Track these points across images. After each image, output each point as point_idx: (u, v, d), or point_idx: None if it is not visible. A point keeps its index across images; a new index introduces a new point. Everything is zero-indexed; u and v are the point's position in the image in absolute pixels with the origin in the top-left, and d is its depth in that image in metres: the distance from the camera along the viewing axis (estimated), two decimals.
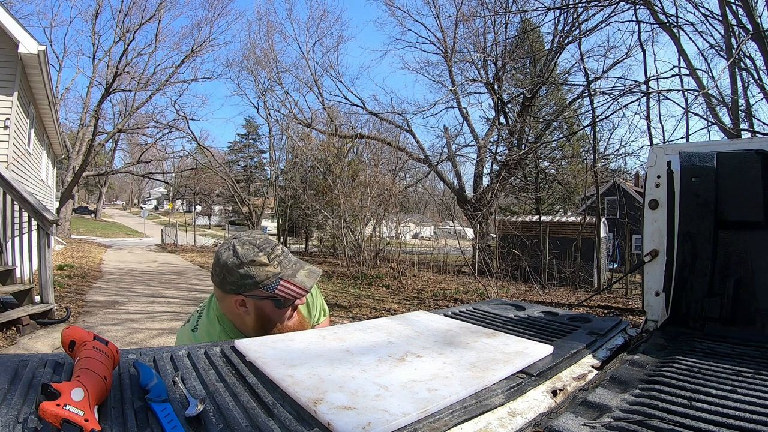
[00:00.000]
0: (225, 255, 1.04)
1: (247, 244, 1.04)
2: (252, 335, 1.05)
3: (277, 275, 1.03)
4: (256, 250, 1.03)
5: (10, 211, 4.72)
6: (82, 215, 36.88)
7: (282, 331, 1.07)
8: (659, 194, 1.31)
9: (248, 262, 1.01)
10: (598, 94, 8.54)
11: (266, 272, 1.02)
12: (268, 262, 1.03)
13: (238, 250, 1.03)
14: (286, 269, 1.05)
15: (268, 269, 1.03)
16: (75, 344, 0.68)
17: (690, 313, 1.23)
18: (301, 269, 1.07)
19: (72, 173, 18.27)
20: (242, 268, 1.01)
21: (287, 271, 1.05)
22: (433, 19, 15.46)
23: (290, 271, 1.05)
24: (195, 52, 20.90)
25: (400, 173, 14.75)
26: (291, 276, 1.04)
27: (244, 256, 1.02)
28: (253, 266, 1.02)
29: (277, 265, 1.04)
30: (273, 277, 1.03)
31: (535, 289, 9.46)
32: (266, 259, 1.03)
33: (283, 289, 1.04)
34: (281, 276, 1.04)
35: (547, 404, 0.72)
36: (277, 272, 1.03)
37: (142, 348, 0.88)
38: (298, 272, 1.06)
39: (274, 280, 1.03)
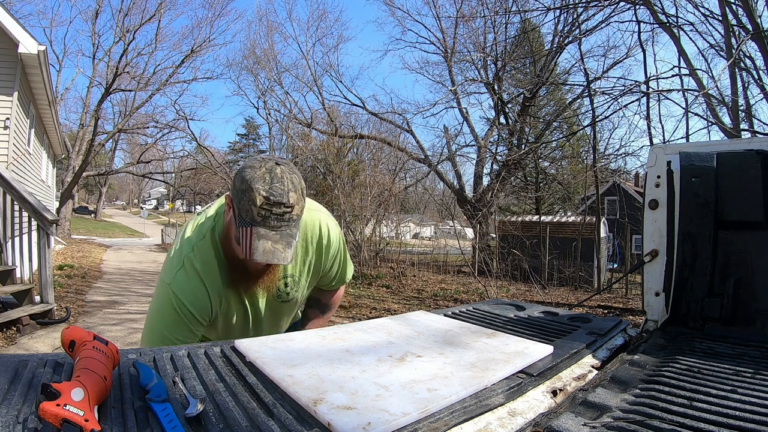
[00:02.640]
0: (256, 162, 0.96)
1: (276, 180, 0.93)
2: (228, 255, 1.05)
3: (249, 221, 0.93)
4: (265, 194, 0.92)
5: (10, 211, 4.72)
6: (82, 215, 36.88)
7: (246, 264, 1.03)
8: (659, 194, 1.31)
9: (247, 184, 0.93)
10: (598, 94, 8.54)
11: (245, 204, 0.93)
12: (256, 205, 0.92)
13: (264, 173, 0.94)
14: (262, 224, 0.93)
15: (249, 206, 0.92)
16: (75, 344, 0.68)
17: (690, 313, 1.23)
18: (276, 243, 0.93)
19: (72, 173, 18.26)
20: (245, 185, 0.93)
21: (261, 228, 0.93)
22: (433, 19, 15.46)
23: (263, 231, 0.93)
24: (195, 52, 20.89)
25: (400, 173, 14.75)
26: (258, 236, 0.92)
27: (256, 179, 0.93)
28: (245, 194, 0.93)
29: (261, 220, 0.93)
30: (244, 213, 0.93)
31: (535, 289, 9.46)
32: (257, 202, 0.92)
33: (240, 234, 0.95)
34: (251, 224, 0.93)
35: (547, 404, 0.72)
36: (250, 215, 0.93)
37: (142, 348, 0.88)
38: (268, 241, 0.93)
39: (244, 220, 0.94)
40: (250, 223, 0.93)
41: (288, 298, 1.24)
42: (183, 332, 1.07)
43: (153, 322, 1.10)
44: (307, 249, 1.20)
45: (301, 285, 1.25)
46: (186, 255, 1.07)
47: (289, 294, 1.22)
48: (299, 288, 1.25)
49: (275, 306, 1.24)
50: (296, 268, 1.21)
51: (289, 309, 1.30)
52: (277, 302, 1.23)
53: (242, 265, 1.05)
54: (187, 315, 1.05)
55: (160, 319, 1.08)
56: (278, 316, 1.28)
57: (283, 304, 1.25)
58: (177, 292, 1.05)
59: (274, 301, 1.22)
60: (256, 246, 0.92)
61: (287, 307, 1.28)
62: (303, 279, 1.24)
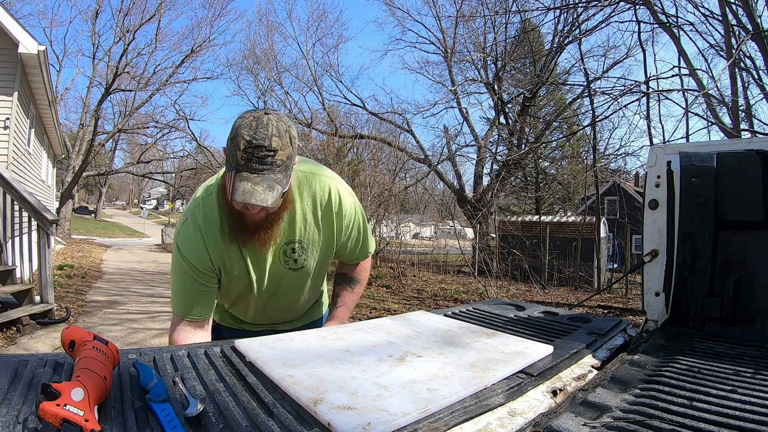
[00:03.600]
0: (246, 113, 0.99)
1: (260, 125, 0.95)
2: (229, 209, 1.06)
3: (232, 157, 0.96)
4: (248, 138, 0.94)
5: (10, 211, 4.72)
6: (82, 215, 36.87)
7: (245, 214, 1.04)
8: (659, 194, 1.31)
9: (233, 138, 0.96)
10: (598, 94, 8.54)
11: (231, 150, 0.96)
12: (240, 150, 0.94)
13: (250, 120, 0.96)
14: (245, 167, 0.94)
15: (234, 152, 0.95)
16: (75, 344, 0.68)
17: (690, 313, 1.23)
18: (256, 185, 0.94)
19: (72, 173, 18.26)
20: (233, 132, 0.96)
21: (243, 172, 0.94)
22: (433, 19, 15.47)
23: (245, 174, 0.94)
24: (195, 52, 20.89)
25: (400, 173, 14.74)
26: (240, 178, 0.94)
27: (242, 126, 0.95)
28: (233, 140, 0.96)
29: (244, 163, 0.94)
30: (230, 159, 0.96)
31: (535, 289, 9.46)
32: (241, 147, 0.94)
33: (227, 179, 0.98)
34: (235, 169, 0.95)
35: (547, 404, 0.72)
36: (235, 161, 0.95)
37: (142, 348, 0.88)
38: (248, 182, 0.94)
39: (230, 165, 0.96)
40: (234, 167, 0.95)
41: (297, 266, 1.20)
42: (192, 284, 1.12)
43: (172, 277, 1.18)
44: (317, 214, 1.18)
45: (312, 253, 1.21)
46: (191, 210, 1.13)
47: (297, 261, 1.19)
48: (309, 256, 1.20)
49: (285, 274, 1.21)
50: (305, 234, 1.18)
51: (303, 279, 1.25)
52: (285, 268, 1.19)
53: (240, 217, 1.06)
54: (190, 266, 1.10)
55: (174, 273, 1.16)
56: (291, 286, 1.24)
57: (293, 272, 1.21)
58: (179, 245, 1.11)
59: (282, 267, 1.19)
60: (237, 187, 0.94)
61: (299, 277, 1.23)
62: (314, 247, 1.20)
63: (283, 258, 1.18)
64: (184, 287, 1.13)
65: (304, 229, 1.17)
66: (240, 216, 1.05)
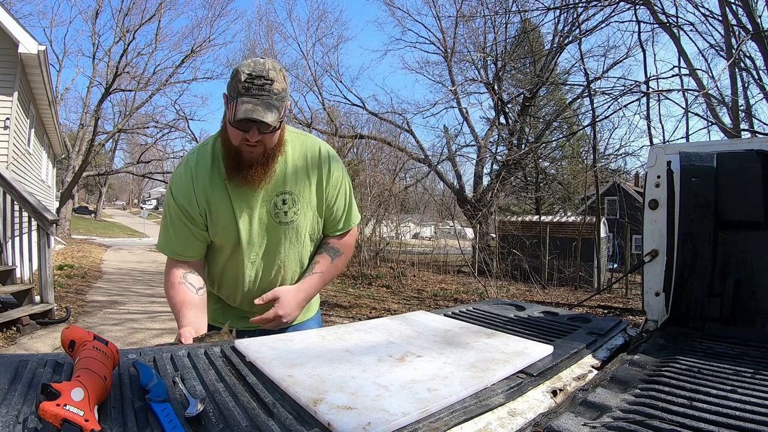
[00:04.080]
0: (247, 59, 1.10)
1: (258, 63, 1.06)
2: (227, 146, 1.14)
3: (233, 91, 1.05)
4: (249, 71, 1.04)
5: (10, 211, 4.72)
6: (82, 215, 36.85)
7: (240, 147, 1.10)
8: (659, 194, 1.31)
9: (234, 73, 1.06)
10: (598, 94, 8.53)
11: (232, 86, 1.06)
12: (241, 82, 1.04)
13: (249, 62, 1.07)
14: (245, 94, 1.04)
15: (236, 84, 1.05)
16: (75, 344, 0.68)
17: (690, 313, 1.23)
18: (257, 105, 1.03)
19: (72, 173, 18.24)
20: (234, 72, 1.08)
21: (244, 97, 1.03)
22: (433, 19, 15.47)
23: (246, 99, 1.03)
24: (195, 52, 20.88)
25: (400, 173, 14.74)
26: (241, 102, 1.03)
27: (242, 66, 1.06)
28: (233, 77, 1.06)
29: (245, 91, 1.04)
30: (232, 91, 1.06)
31: (535, 289, 9.46)
32: (242, 78, 1.04)
33: (228, 108, 1.07)
34: (236, 97, 1.04)
35: (547, 404, 0.72)
36: (235, 90, 1.04)
37: (142, 348, 0.88)
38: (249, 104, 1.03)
39: (231, 97, 1.06)
40: (236, 95, 1.05)
41: (287, 219, 1.21)
42: (180, 224, 1.19)
43: (162, 220, 1.25)
44: (306, 168, 1.24)
45: (302, 208, 1.23)
46: (186, 157, 1.23)
47: (287, 214, 1.21)
48: (300, 211, 1.22)
49: (275, 228, 1.21)
50: (295, 186, 1.22)
51: (291, 236, 1.24)
52: (274, 222, 1.20)
53: (238, 154, 1.12)
54: (179, 205, 1.18)
55: (164, 214, 1.24)
56: (278, 241, 1.23)
57: (283, 227, 1.21)
58: (171, 186, 1.21)
59: (271, 219, 1.20)
60: (239, 108, 1.03)
61: (288, 233, 1.23)
62: (304, 202, 1.23)
63: (273, 210, 1.20)
64: (174, 227, 1.20)
65: (294, 181, 1.22)
66: (237, 153, 1.12)
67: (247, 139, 1.08)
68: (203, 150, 1.21)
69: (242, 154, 1.12)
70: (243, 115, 1.02)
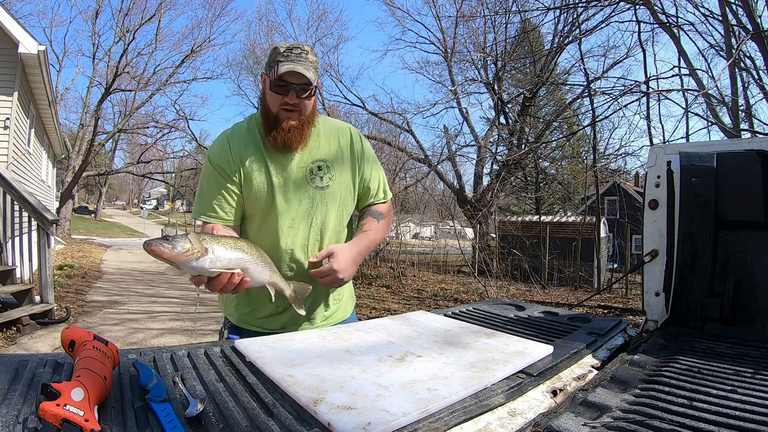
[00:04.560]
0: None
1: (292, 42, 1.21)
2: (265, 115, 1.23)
3: (273, 61, 1.17)
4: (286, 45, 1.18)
5: (10, 211, 4.72)
6: (82, 215, 36.84)
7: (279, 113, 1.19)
8: (659, 194, 1.31)
9: (272, 50, 1.20)
10: (598, 94, 8.53)
11: (272, 58, 1.18)
12: (280, 53, 1.16)
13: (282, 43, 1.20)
14: (285, 59, 1.15)
15: (275, 57, 1.17)
16: (75, 344, 0.68)
17: (690, 313, 1.23)
18: (296, 64, 1.14)
19: (72, 173, 18.24)
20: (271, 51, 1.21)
21: (284, 61, 1.15)
22: (433, 19, 15.46)
23: (286, 61, 1.15)
24: (195, 52, 20.88)
25: (400, 173, 14.73)
26: (282, 63, 1.14)
27: (278, 44, 1.20)
28: (271, 53, 1.20)
29: (284, 58, 1.15)
30: (271, 61, 1.18)
31: (535, 289, 9.46)
32: (281, 50, 1.17)
33: (269, 73, 1.19)
34: (274, 64, 1.16)
35: (547, 404, 0.72)
36: (276, 59, 1.16)
37: (142, 348, 0.88)
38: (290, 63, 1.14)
39: (269, 66, 1.18)
40: (276, 63, 1.16)
41: (323, 184, 1.26)
42: (216, 183, 1.23)
43: (198, 189, 1.30)
44: (339, 142, 1.32)
45: (338, 177, 1.28)
46: (225, 131, 1.30)
47: (323, 179, 1.26)
48: (335, 177, 1.27)
49: (310, 192, 1.25)
50: (330, 156, 1.29)
51: (328, 201, 1.27)
52: (311, 186, 1.25)
53: (276, 120, 1.21)
54: (215, 166, 1.23)
55: (200, 181, 1.29)
56: (315, 206, 1.26)
57: (319, 191, 1.25)
58: (208, 154, 1.28)
59: (307, 184, 1.25)
60: (281, 67, 1.14)
61: (324, 198, 1.26)
62: (338, 171, 1.28)
63: (309, 176, 1.25)
64: (210, 188, 1.24)
65: (328, 151, 1.29)
66: (276, 119, 1.20)
67: (286, 102, 1.17)
68: (239, 124, 1.31)
69: (280, 120, 1.19)
70: (286, 69, 1.13)
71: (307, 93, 1.19)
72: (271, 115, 1.21)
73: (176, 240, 0.88)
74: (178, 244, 0.87)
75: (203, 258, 0.91)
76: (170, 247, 0.87)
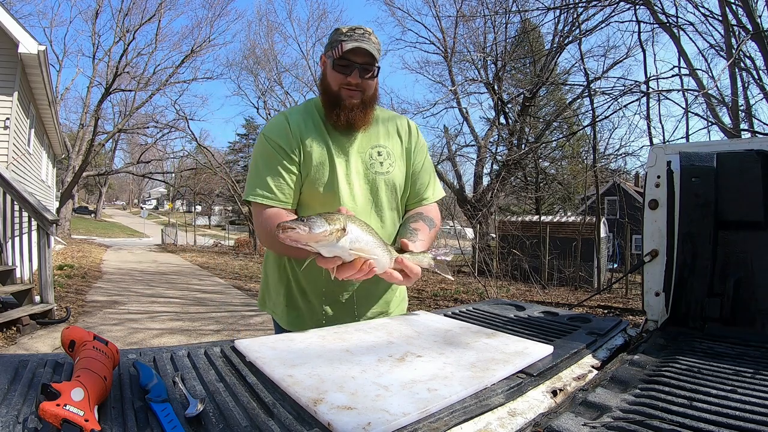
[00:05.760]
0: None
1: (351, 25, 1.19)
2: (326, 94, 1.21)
3: (336, 41, 1.15)
4: (349, 27, 1.17)
5: (10, 211, 4.72)
6: (82, 215, 36.83)
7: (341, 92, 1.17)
8: (659, 194, 1.31)
9: (334, 31, 1.19)
10: (598, 94, 8.53)
11: (334, 38, 1.17)
12: (343, 33, 1.15)
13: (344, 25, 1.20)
14: (349, 41, 1.13)
15: (338, 37, 1.15)
16: (75, 344, 0.68)
17: (690, 313, 1.23)
18: (359, 42, 1.13)
19: (72, 173, 18.24)
20: (334, 30, 1.20)
21: (348, 40, 1.14)
22: (433, 19, 15.48)
23: (351, 41, 1.13)
24: (195, 52, 20.91)
25: None
26: (346, 43, 1.13)
27: (339, 27, 1.18)
28: (332, 34, 1.19)
29: (347, 37, 1.14)
30: (334, 41, 1.16)
31: (535, 289, 9.46)
32: (343, 31, 1.16)
33: (332, 52, 1.16)
34: (337, 43, 1.14)
35: (547, 404, 0.72)
36: (338, 39, 1.15)
37: (142, 348, 0.88)
38: (354, 41, 1.13)
39: (332, 45, 1.17)
40: (339, 42, 1.14)
41: (383, 170, 1.23)
42: (273, 167, 1.17)
43: (250, 168, 1.25)
44: (397, 129, 1.30)
45: (397, 164, 1.25)
46: (281, 112, 1.29)
47: (383, 165, 1.23)
48: (394, 164, 1.25)
49: (370, 177, 1.21)
50: (389, 143, 1.27)
51: (388, 188, 1.23)
52: (371, 172, 1.21)
53: (337, 98, 1.19)
54: (273, 144, 1.18)
55: (254, 160, 1.23)
56: (375, 191, 1.22)
57: (379, 177, 1.22)
58: (264, 131, 1.24)
59: (368, 169, 1.22)
60: (345, 45, 1.13)
61: (385, 184, 1.22)
62: (396, 156, 1.26)
63: (368, 161, 1.23)
64: (266, 167, 1.18)
65: (387, 138, 1.27)
66: (337, 98, 1.18)
67: (348, 82, 1.16)
68: (294, 107, 1.29)
69: (342, 99, 1.17)
70: (350, 46, 1.12)
71: (371, 73, 1.17)
72: (332, 94, 1.19)
73: (311, 220, 0.81)
74: (314, 225, 0.81)
75: (343, 238, 0.84)
76: (306, 228, 0.80)
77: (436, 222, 1.29)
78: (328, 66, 1.19)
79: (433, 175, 1.36)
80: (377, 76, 1.20)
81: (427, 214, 1.29)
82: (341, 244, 0.84)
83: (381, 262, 0.94)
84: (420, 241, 1.13)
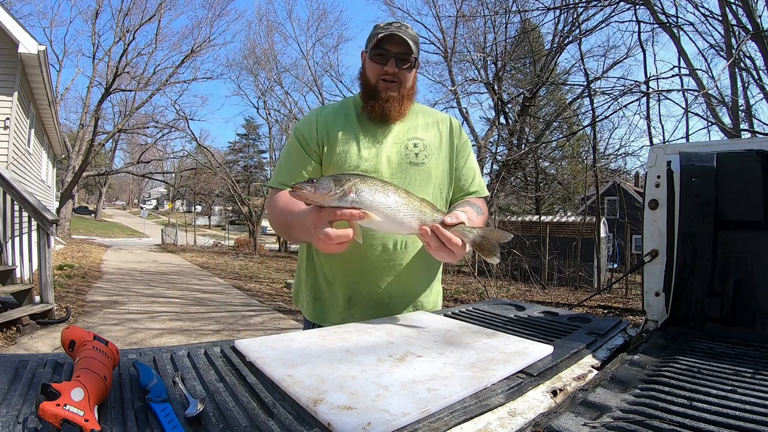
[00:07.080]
0: None
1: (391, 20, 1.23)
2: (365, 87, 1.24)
3: (374, 35, 1.18)
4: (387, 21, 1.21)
5: (10, 211, 4.72)
6: (82, 215, 36.83)
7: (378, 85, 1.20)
8: (659, 194, 1.31)
9: (374, 26, 1.22)
10: (598, 94, 8.53)
11: (373, 33, 1.19)
12: (380, 26, 1.19)
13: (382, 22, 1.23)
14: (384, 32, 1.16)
15: (376, 31, 1.19)
16: (75, 344, 0.68)
17: (690, 313, 1.23)
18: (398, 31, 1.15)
19: (72, 173, 18.24)
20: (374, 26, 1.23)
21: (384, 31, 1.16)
22: (433, 19, 15.48)
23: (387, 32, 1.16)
24: (195, 52, 20.91)
25: None
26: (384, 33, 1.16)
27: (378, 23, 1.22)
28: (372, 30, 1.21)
29: (384, 30, 1.17)
30: (372, 36, 1.19)
31: (535, 289, 9.46)
32: (380, 25, 1.19)
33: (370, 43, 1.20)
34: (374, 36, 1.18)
35: (547, 404, 0.72)
36: (376, 32, 1.18)
37: (142, 348, 0.88)
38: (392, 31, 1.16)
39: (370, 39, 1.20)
40: (376, 34, 1.18)
41: (418, 161, 1.22)
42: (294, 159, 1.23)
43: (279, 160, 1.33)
44: (437, 124, 1.31)
45: (435, 157, 1.25)
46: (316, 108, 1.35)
47: (418, 156, 1.23)
48: (431, 156, 1.24)
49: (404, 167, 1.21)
50: (427, 136, 1.27)
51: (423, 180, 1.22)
52: (405, 162, 1.21)
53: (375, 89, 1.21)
54: (299, 136, 1.24)
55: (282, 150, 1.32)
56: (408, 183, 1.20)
57: (413, 167, 1.21)
58: (297, 124, 1.30)
59: (402, 160, 1.21)
60: (383, 36, 1.16)
61: (419, 175, 1.21)
62: (433, 149, 1.25)
63: (404, 152, 1.23)
64: (288, 160, 1.24)
65: (425, 131, 1.28)
66: (375, 89, 1.21)
67: (385, 72, 1.18)
68: (333, 103, 1.34)
69: (379, 90, 1.20)
70: (387, 30, 1.15)
71: (407, 64, 1.19)
72: (370, 86, 1.22)
73: (319, 181, 0.87)
74: (320, 185, 0.86)
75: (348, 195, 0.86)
76: (312, 189, 0.86)
77: (484, 211, 1.25)
78: (366, 59, 1.23)
79: (477, 173, 1.36)
80: (415, 67, 1.22)
81: (474, 202, 1.27)
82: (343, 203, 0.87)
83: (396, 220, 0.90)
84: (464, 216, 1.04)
